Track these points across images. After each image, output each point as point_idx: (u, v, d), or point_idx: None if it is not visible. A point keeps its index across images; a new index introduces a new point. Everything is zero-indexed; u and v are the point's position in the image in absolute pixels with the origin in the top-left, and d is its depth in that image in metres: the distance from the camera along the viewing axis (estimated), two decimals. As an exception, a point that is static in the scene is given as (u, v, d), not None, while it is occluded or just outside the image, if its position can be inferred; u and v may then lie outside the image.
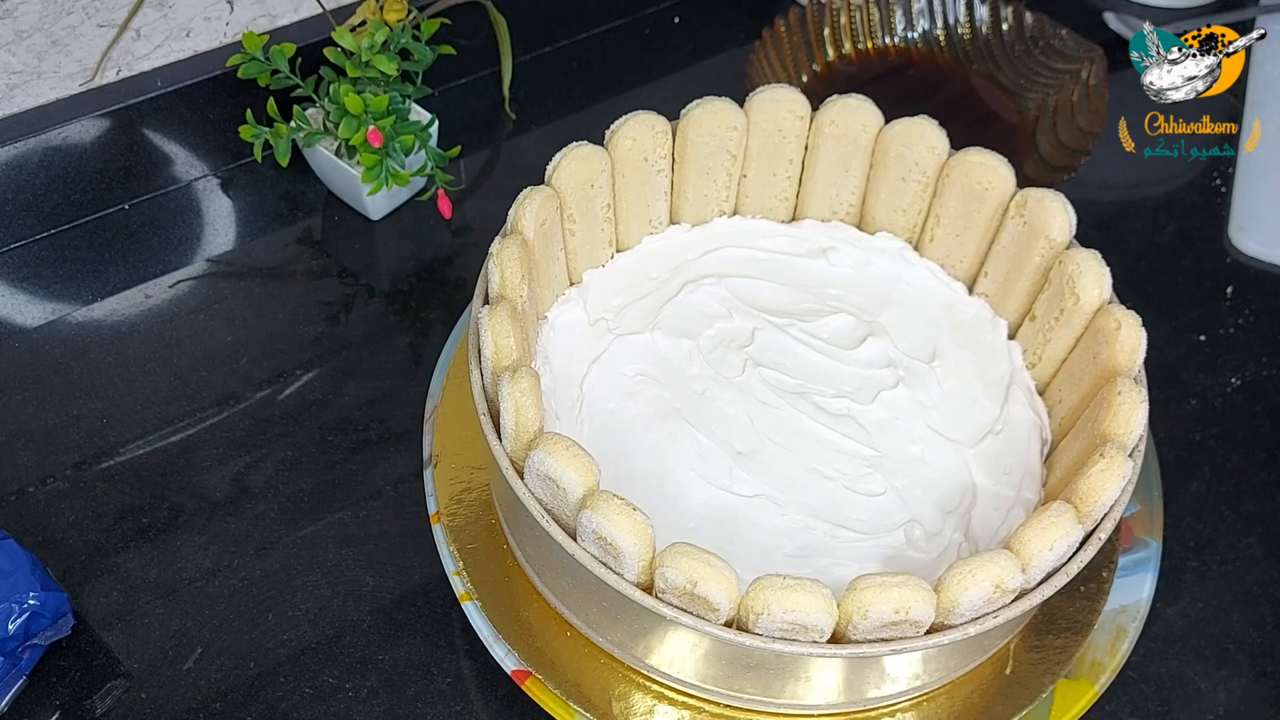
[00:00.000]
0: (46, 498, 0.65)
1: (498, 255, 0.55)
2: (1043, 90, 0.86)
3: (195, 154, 0.81)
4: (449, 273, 0.79)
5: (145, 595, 0.62)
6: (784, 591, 0.46)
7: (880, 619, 0.46)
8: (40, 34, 0.73)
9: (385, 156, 0.74)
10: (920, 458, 0.59)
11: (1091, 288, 0.57)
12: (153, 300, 0.75)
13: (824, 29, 0.88)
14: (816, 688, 0.52)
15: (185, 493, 0.66)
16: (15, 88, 0.74)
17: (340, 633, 0.61)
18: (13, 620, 0.54)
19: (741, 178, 0.66)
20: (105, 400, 0.69)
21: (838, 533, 0.55)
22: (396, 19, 0.75)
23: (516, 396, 0.50)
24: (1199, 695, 0.61)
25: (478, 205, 0.82)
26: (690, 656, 0.52)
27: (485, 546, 0.59)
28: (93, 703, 0.58)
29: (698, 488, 0.57)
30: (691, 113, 0.62)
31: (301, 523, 0.65)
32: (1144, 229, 0.83)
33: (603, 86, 0.92)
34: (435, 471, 0.62)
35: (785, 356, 0.62)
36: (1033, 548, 0.48)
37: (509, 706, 0.58)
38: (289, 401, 0.70)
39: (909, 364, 0.62)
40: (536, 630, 0.56)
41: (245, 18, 0.80)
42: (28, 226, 0.77)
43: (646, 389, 0.60)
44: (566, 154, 0.59)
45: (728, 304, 0.64)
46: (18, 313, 0.74)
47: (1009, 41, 0.89)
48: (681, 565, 0.46)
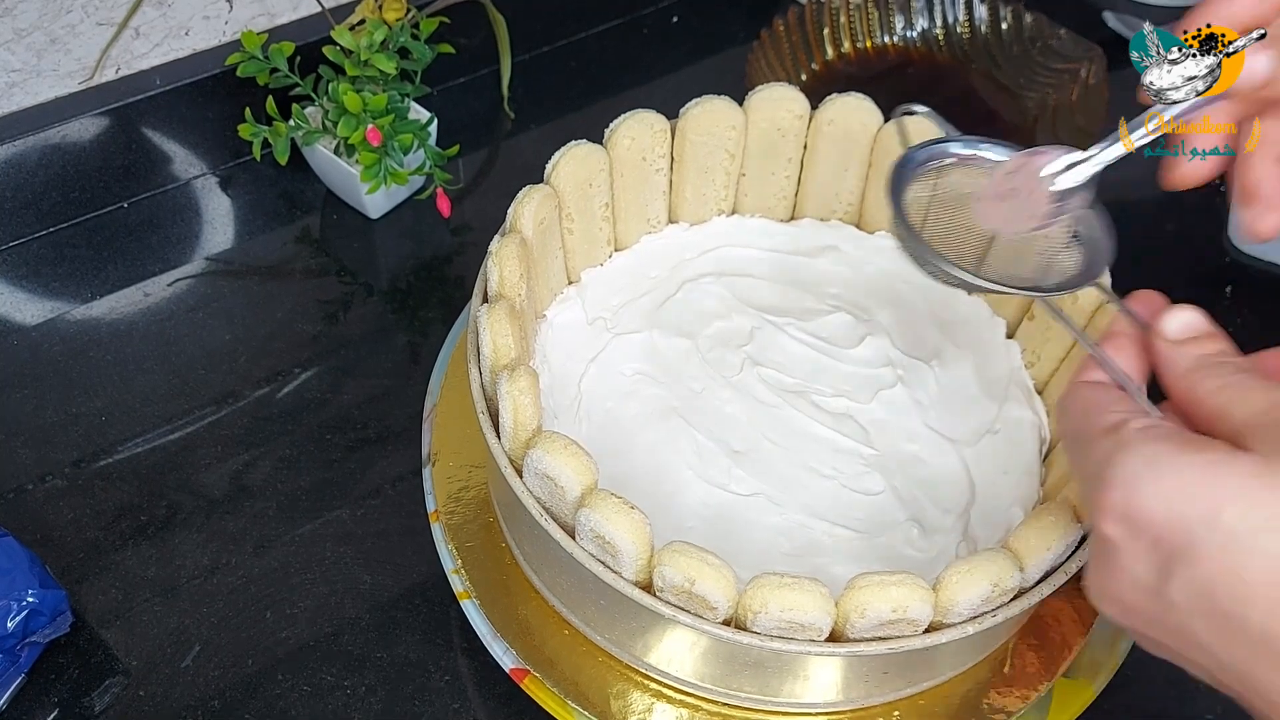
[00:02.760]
0: (45, 495, 0.65)
1: (496, 254, 0.55)
2: (1042, 90, 0.86)
3: (194, 152, 0.81)
4: (448, 271, 0.79)
5: (144, 593, 0.62)
6: (782, 590, 0.46)
7: (878, 618, 0.46)
8: (39, 32, 0.73)
9: (384, 155, 0.74)
10: (919, 457, 0.59)
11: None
12: (151, 298, 0.75)
13: (823, 28, 0.88)
14: (814, 686, 0.52)
15: (184, 491, 0.66)
16: (14, 86, 0.74)
17: (338, 630, 0.61)
18: (11, 618, 0.54)
19: (740, 176, 0.66)
20: (104, 398, 0.69)
21: (835, 531, 0.55)
22: (395, 18, 0.75)
23: (515, 395, 0.50)
24: (1197, 695, 0.61)
25: (476, 204, 0.82)
26: (688, 655, 0.52)
27: (483, 545, 0.59)
28: (91, 700, 0.58)
29: (696, 486, 0.57)
30: (690, 112, 0.62)
31: (300, 521, 0.65)
32: (1143, 228, 0.83)
33: (601, 85, 0.92)
34: (434, 470, 0.62)
35: (784, 355, 0.62)
36: (1031, 547, 0.48)
37: (507, 704, 0.58)
38: (287, 400, 0.70)
39: (907, 363, 0.62)
40: (535, 628, 0.56)
41: (244, 16, 0.80)
42: (26, 224, 0.77)
43: (645, 388, 0.60)
44: (565, 153, 0.59)
45: (726, 303, 0.64)
46: (16, 311, 0.74)
47: (1008, 41, 0.89)
48: (679, 564, 0.46)
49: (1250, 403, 0.37)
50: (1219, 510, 0.34)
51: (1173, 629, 0.36)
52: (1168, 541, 0.35)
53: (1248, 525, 0.33)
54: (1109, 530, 0.37)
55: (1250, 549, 0.33)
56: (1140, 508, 0.35)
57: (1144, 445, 0.36)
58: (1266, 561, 0.33)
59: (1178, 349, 0.41)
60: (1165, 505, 0.35)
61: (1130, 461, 0.36)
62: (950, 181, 0.50)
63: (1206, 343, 0.41)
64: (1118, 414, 0.39)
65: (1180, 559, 0.34)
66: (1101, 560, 0.38)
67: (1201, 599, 0.34)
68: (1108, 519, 0.36)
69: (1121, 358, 0.43)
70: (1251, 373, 0.38)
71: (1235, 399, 0.37)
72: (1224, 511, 0.34)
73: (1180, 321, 0.42)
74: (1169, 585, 0.35)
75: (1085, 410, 0.41)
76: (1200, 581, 0.34)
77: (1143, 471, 0.36)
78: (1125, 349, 0.43)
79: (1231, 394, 0.38)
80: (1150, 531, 0.35)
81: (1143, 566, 0.36)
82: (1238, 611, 0.33)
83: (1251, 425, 0.36)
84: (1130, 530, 0.36)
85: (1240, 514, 0.33)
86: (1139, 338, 0.43)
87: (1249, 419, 0.36)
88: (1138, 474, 0.36)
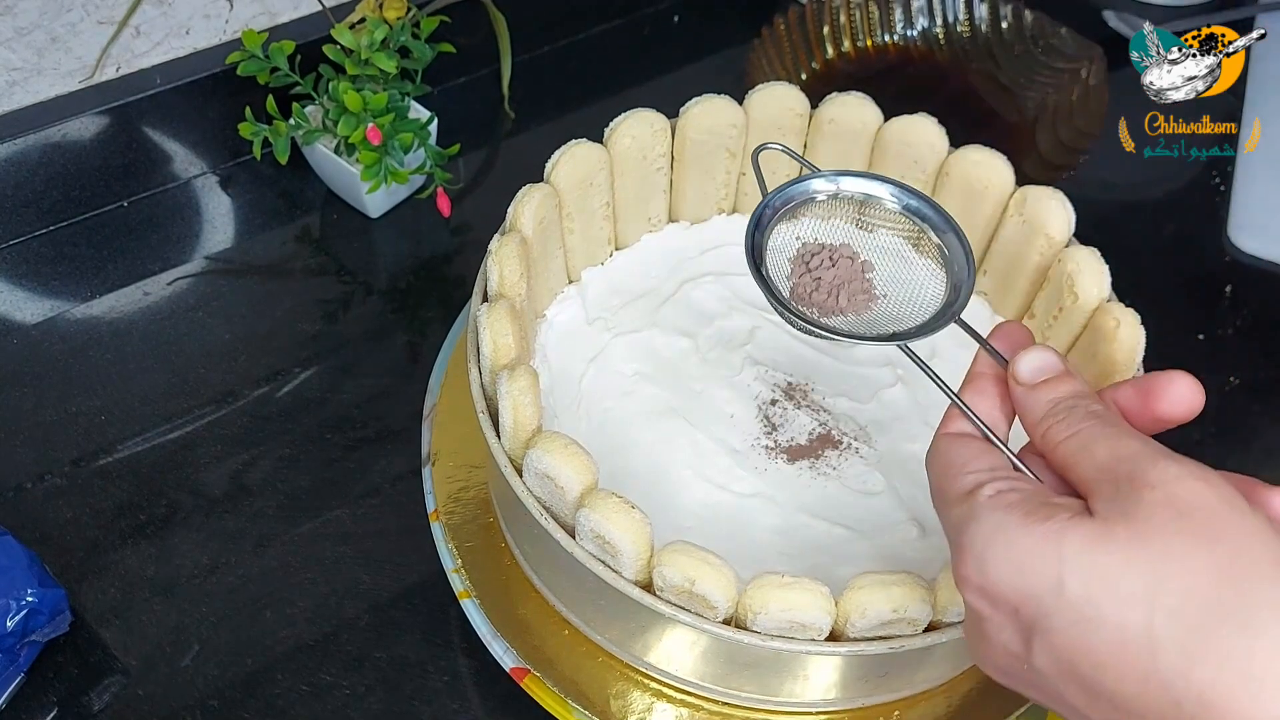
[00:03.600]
0: (44, 494, 0.65)
1: (496, 253, 0.55)
2: (1042, 89, 0.86)
3: (194, 151, 0.81)
4: (448, 271, 0.79)
5: (143, 592, 0.61)
6: (782, 590, 0.46)
7: (878, 617, 0.46)
8: (40, 31, 0.73)
9: (384, 154, 0.74)
10: (919, 456, 0.58)
11: (1090, 286, 0.57)
12: (151, 297, 0.75)
13: (823, 27, 0.88)
14: (814, 686, 0.52)
15: (183, 490, 0.66)
16: (15, 84, 0.74)
17: (338, 630, 0.61)
18: (11, 617, 0.54)
19: (740, 175, 0.66)
20: (103, 397, 0.69)
21: (835, 531, 0.55)
22: (396, 16, 0.75)
23: (515, 394, 0.50)
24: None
25: (476, 203, 0.82)
26: (688, 654, 0.52)
27: (483, 544, 0.59)
28: (90, 699, 0.58)
29: (696, 486, 0.57)
30: (690, 110, 0.62)
31: (299, 520, 0.65)
32: (1143, 228, 0.83)
33: (602, 84, 0.92)
34: (433, 469, 0.62)
35: (784, 355, 0.62)
36: (1031, 546, 0.48)
37: (507, 704, 0.58)
38: (287, 399, 0.70)
39: (907, 362, 0.62)
40: (535, 628, 0.56)
41: (245, 15, 0.80)
42: (27, 223, 0.77)
43: (645, 387, 0.60)
44: (565, 152, 0.59)
45: (726, 302, 0.64)
46: (16, 309, 0.74)
47: (1008, 40, 0.89)
48: (680, 563, 0.46)
49: (1095, 456, 0.36)
50: (1063, 581, 0.33)
51: (1045, 692, 0.36)
52: (1023, 613, 0.35)
53: (1089, 594, 0.33)
54: (970, 600, 0.37)
55: (1094, 619, 0.33)
56: (992, 580, 0.35)
57: (991, 514, 0.36)
58: (1110, 630, 0.33)
59: (1031, 394, 0.40)
60: (1013, 579, 0.35)
61: (978, 533, 0.36)
62: (823, 217, 0.49)
63: (1059, 385, 0.39)
64: (974, 476, 0.38)
65: (1036, 630, 0.34)
66: (972, 627, 0.38)
67: (1063, 667, 0.34)
68: (967, 589, 0.37)
69: (983, 401, 0.42)
70: (1102, 419, 0.37)
71: (1081, 450, 0.37)
72: (1067, 582, 0.33)
73: (1031, 364, 0.40)
74: (1032, 654, 0.35)
75: (945, 468, 0.40)
76: (1058, 650, 0.34)
77: (990, 544, 0.35)
78: (987, 391, 0.42)
79: (1078, 443, 0.37)
80: (1007, 603, 0.35)
81: (1008, 635, 0.36)
82: (1094, 677, 0.33)
83: (1095, 481, 0.36)
84: (989, 601, 0.36)
85: (1082, 584, 0.33)
86: (1002, 377, 0.42)
87: (1092, 474, 0.36)
88: (985, 546, 0.35)
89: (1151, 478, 0.34)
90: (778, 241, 0.48)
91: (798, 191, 0.49)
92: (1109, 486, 0.35)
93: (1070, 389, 0.39)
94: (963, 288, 0.46)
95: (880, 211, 0.49)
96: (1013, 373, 0.41)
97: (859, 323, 0.47)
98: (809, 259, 0.48)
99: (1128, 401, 0.39)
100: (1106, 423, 0.37)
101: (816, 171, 0.49)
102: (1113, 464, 0.35)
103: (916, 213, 0.48)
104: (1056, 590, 0.34)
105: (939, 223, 0.48)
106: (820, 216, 0.49)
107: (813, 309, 0.47)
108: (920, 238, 0.48)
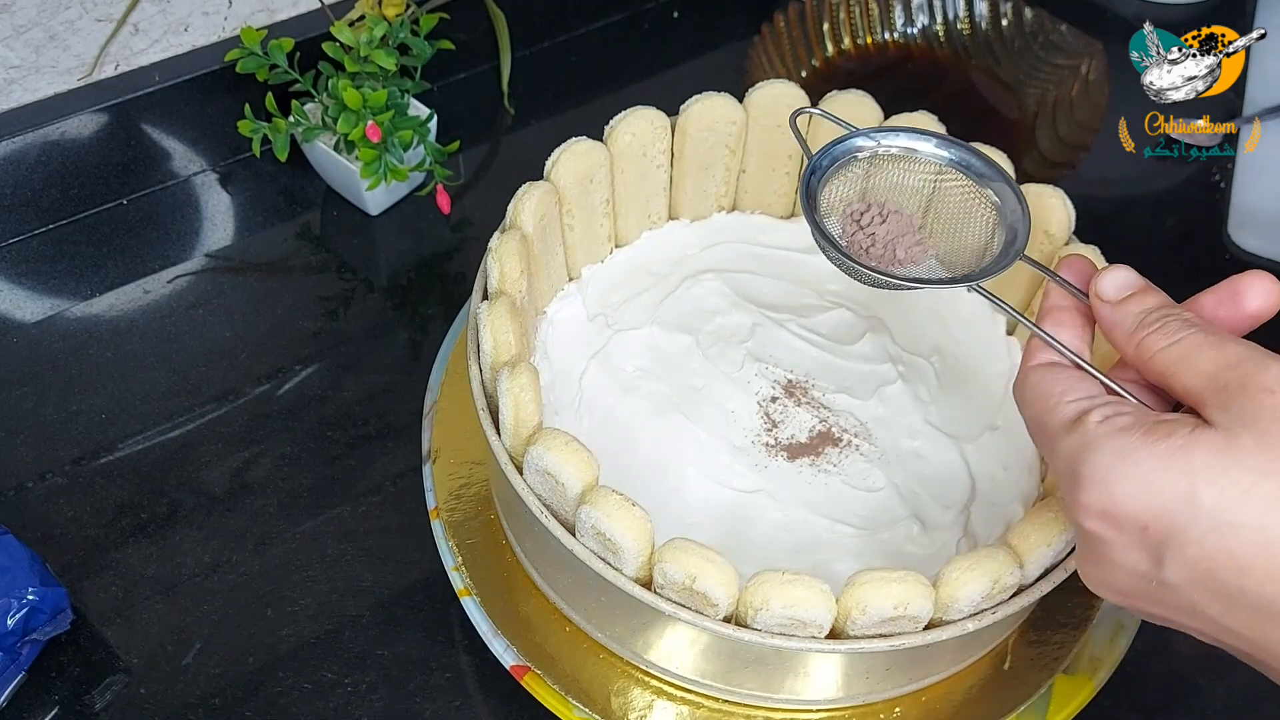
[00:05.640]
0: (45, 493, 0.65)
1: (497, 250, 0.55)
2: (1042, 85, 0.86)
3: (193, 149, 0.81)
4: (448, 268, 0.79)
5: (144, 590, 0.62)
6: (783, 587, 0.46)
7: (879, 614, 0.46)
8: (38, 29, 0.73)
9: (384, 151, 0.74)
10: (919, 453, 0.59)
11: (1090, 283, 0.57)
12: (151, 296, 0.75)
13: (823, 24, 0.88)
14: (815, 683, 0.52)
15: (184, 488, 0.66)
16: (13, 82, 0.74)
17: (339, 628, 0.61)
18: (12, 615, 0.54)
19: (740, 173, 0.66)
20: (104, 396, 0.69)
21: (836, 528, 0.55)
22: (395, 14, 0.75)
23: (515, 392, 0.50)
24: (1198, 691, 0.61)
25: (476, 200, 0.82)
26: (689, 652, 0.52)
27: (484, 542, 0.59)
28: (92, 698, 0.58)
29: (697, 483, 0.57)
30: (691, 108, 0.62)
31: (300, 518, 0.65)
32: (1143, 226, 0.83)
33: (602, 81, 0.92)
34: (434, 467, 0.62)
35: (784, 352, 0.62)
36: (1031, 544, 0.48)
37: (508, 701, 0.58)
38: (288, 397, 0.70)
39: (908, 359, 0.62)
40: (535, 625, 0.56)
41: (243, 12, 0.80)
42: (26, 222, 0.77)
43: (645, 384, 0.60)
44: (565, 149, 0.59)
45: (727, 299, 0.64)
46: (16, 308, 0.74)
47: (1008, 37, 0.90)
48: (680, 561, 0.46)
49: (1199, 364, 0.37)
50: (1196, 493, 0.34)
51: (1175, 606, 0.37)
52: (1154, 530, 0.35)
53: (1226, 501, 0.34)
54: (1092, 526, 0.37)
55: (1234, 523, 0.34)
56: (1119, 504, 0.36)
57: (1110, 440, 0.37)
58: (1251, 532, 0.34)
59: (1118, 309, 0.40)
60: (1143, 497, 0.35)
61: (1100, 459, 0.36)
62: (867, 175, 0.50)
63: (1146, 297, 0.40)
64: (1076, 403, 0.39)
65: (1170, 544, 0.35)
66: (1090, 553, 0.38)
67: (1199, 577, 0.35)
68: (1088, 517, 0.37)
69: (1064, 332, 0.42)
70: (1199, 327, 0.38)
71: (1183, 359, 0.37)
72: (1201, 493, 0.34)
73: (1114, 281, 0.41)
74: (1164, 570, 0.36)
75: (1042, 400, 0.40)
76: (1194, 561, 0.35)
77: (1114, 467, 0.36)
78: (1066, 322, 0.43)
79: (1179, 352, 0.38)
80: (1134, 523, 0.36)
81: (1135, 555, 0.36)
82: (1235, 582, 0.34)
83: (1203, 390, 0.36)
84: (1113, 525, 0.36)
85: (1217, 492, 0.34)
86: (1077, 306, 0.43)
87: (1199, 382, 0.37)
88: (1110, 470, 0.36)
89: (1267, 381, 0.35)
90: (824, 205, 0.49)
91: (841, 150, 0.49)
92: (1220, 395, 0.36)
93: (1158, 300, 0.40)
94: (1019, 228, 0.47)
95: (924, 165, 0.50)
96: (1097, 292, 0.41)
97: (919, 272, 0.48)
98: (859, 217, 0.49)
99: (1215, 307, 0.40)
100: (1204, 330, 0.38)
101: (856, 131, 0.50)
102: (1220, 371, 0.36)
103: (961, 163, 0.49)
104: (1190, 502, 0.34)
105: (986, 171, 0.49)
106: (863, 175, 0.50)
107: (872, 264, 0.48)
108: (968, 187, 0.49)
